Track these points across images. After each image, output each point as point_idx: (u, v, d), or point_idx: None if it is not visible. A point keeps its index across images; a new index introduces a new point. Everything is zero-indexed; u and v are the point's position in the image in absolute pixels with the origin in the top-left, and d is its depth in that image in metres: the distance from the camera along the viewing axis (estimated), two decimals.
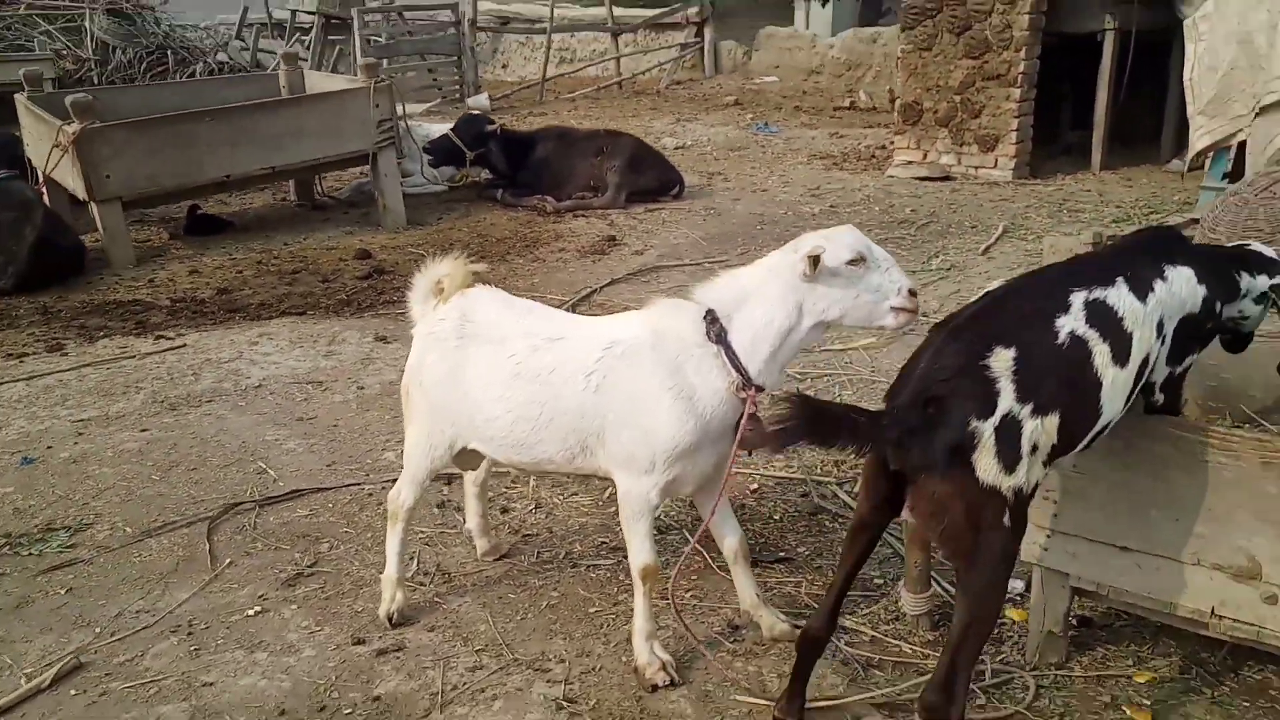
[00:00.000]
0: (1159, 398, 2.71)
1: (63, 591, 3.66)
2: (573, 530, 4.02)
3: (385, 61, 13.76)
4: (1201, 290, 2.65)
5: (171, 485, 4.45)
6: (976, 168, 10.49)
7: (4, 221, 7.02)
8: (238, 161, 8.04)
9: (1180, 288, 2.60)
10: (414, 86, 15.37)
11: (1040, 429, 2.31)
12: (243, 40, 17.39)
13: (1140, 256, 2.62)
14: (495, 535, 3.90)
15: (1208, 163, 7.79)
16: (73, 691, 3.10)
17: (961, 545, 2.30)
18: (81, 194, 7.60)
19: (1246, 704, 2.90)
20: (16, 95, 8.47)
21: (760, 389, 2.84)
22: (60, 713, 3.01)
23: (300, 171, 8.80)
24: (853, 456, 3.15)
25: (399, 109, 9.36)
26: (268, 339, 6.28)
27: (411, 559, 3.79)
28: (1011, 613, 3.33)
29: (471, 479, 3.74)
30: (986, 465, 2.26)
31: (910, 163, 10.85)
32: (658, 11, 18.93)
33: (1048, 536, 2.92)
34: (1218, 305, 2.70)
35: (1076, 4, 10.54)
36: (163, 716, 2.97)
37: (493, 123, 9.58)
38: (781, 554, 3.80)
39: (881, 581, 3.58)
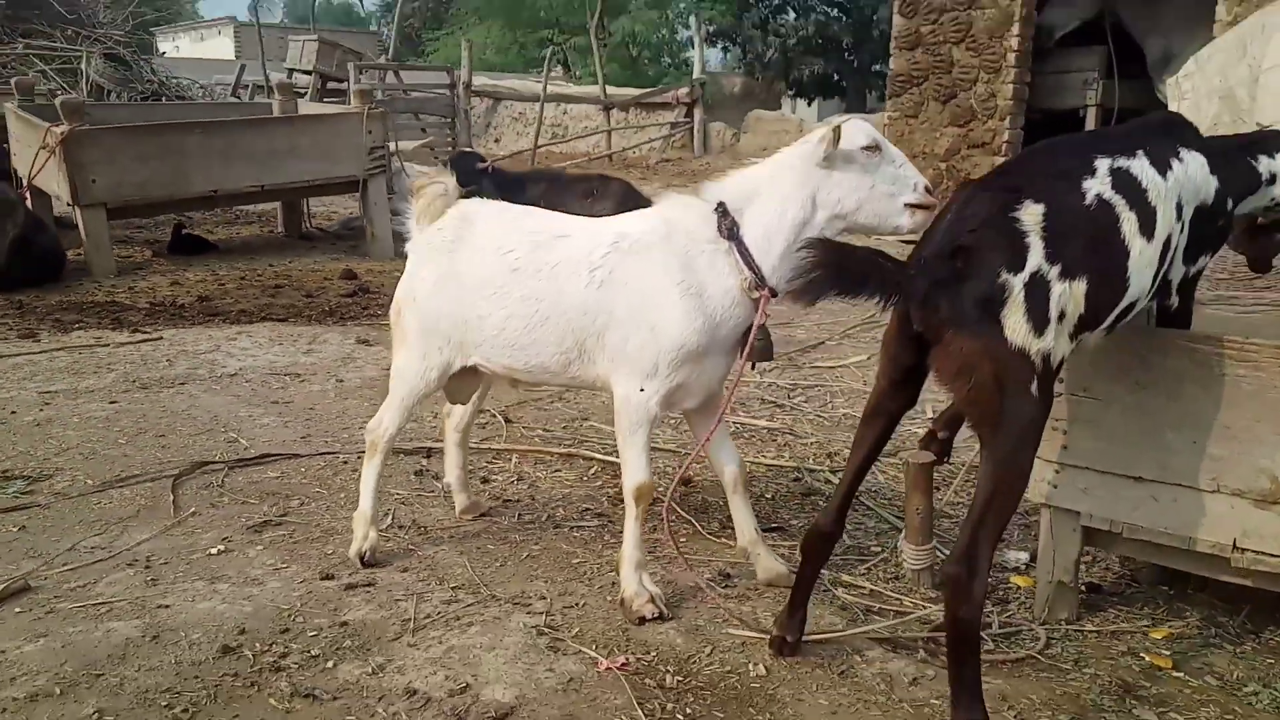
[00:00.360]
0: (1174, 300, 2.63)
1: (14, 529, 3.44)
2: (555, 499, 3.85)
3: None
4: (1214, 181, 2.57)
5: (138, 449, 4.25)
6: None
7: None
8: (227, 176, 8.01)
9: (1195, 172, 2.52)
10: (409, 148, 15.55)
11: (1069, 293, 2.19)
12: (238, 99, 17.60)
13: (1155, 134, 2.55)
14: (475, 494, 3.73)
15: None
16: (17, 609, 2.87)
17: (988, 409, 2.16)
18: (66, 197, 7.52)
19: (1271, 662, 2.75)
20: (6, 104, 8.45)
21: (774, 293, 2.74)
22: (2, 626, 2.78)
23: (290, 192, 8.77)
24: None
25: (392, 144, 9.40)
26: (247, 336, 6.14)
27: (386, 514, 3.61)
28: (1017, 579, 3.19)
29: (453, 424, 3.60)
30: (1015, 323, 2.13)
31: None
32: (648, 90, 19.37)
33: (1056, 472, 2.80)
34: (1229, 201, 2.63)
35: (1059, 81, 10.88)
36: (113, 631, 2.75)
37: (484, 160, 9.62)
38: (774, 525, 3.64)
39: (879, 550, 3.43)
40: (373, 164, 8.52)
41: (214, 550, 3.29)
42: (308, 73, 16.59)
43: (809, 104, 25.76)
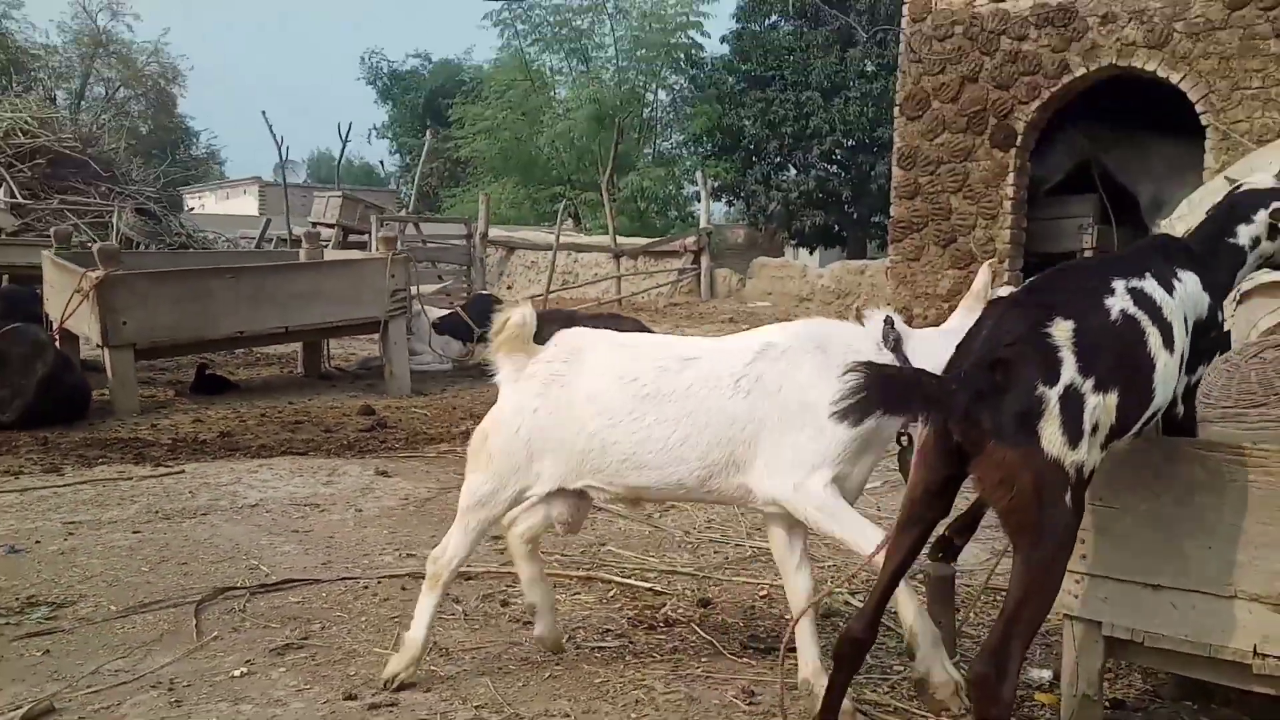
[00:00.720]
0: (1180, 408, 2.72)
1: (39, 653, 3.46)
2: (576, 620, 3.85)
3: None
4: (1206, 297, 2.69)
5: (161, 576, 4.29)
6: None
7: (16, 356, 7.12)
8: (254, 319, 8.27)
9: (1192, 289, 2.65)
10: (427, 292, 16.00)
11: (1101, 406, 2.29)
12: (260, 250, 18.21)
13: (1154, 257, 2.69)
14: (556, 624, 3.48)
15: None
16: None
17: (1027, 517, 2.25)
18: (96, 339, 7.75)
19: None
20: (44, 252, 8.81)
21: None
22: None
23: (313, 333, 9.01)
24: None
25: (413, 287, 9.72)
26: (267, 469, 6.23)
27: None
28: (1041, 696, 3.17)
29: (519, 532, 3.37)
30: (1051, 435, 2.23)
31: None
32: (657, 239, 20.01)
33: (1076, 582, 2.83)
34: (1220, 314, 2.75)
35: (1055, 226, 11.27)
36: None
37: (500, 302, 9.91)
38: (794, 645, 3.63)
39: (901, 668, 3.41)
40: (394, 306, 8.79)
41: (237, 673, 3.29)
42: (331, 226, 17.23)
43: (810, 252, 26.50)
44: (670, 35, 28.78)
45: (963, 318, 2.97)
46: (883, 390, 2.21)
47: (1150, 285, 2.53)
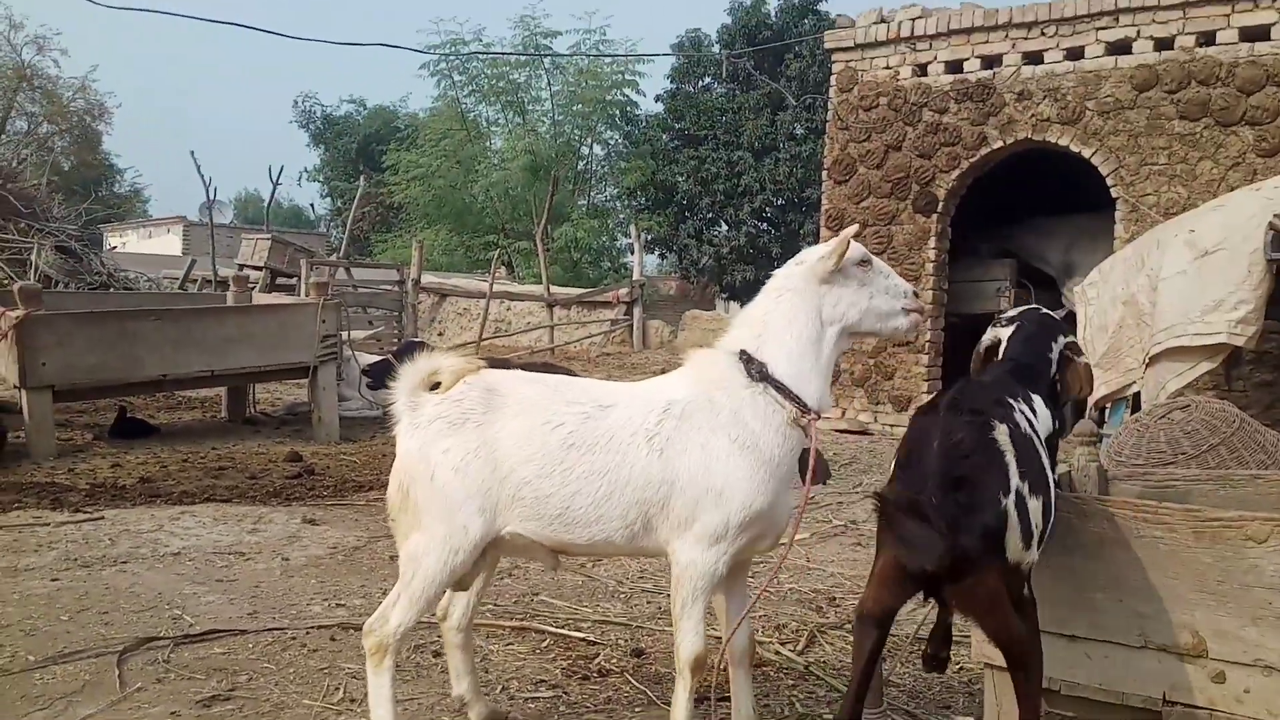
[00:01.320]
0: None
1: None
2: (509, 672, 3.85)
3: None
4: (1049, 413, 2.85)
5: (81, 625, 4.17)
6: (892, 425, 11.03)
7: None
8: (178, 362, 8.12)
9: (1042, 411, 2.83)
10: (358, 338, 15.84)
11: (1039, 509, 2.45)
12: (185, 292, 17.87)
13: (1011, 380, 2.86)
14: (490, 700, 3.44)
15: (1107, 412, 8.39)
16: None
17: (1010, 630, 2.39)
18: (14, 380, 7.54)
19: None
20: None
21: (818, 415, 2.85)
22: None
23: (239, 378, 8.87)
24: None
25: (344, 332, 9.65)
26: (190, 516, 6.10)
27: (338, 688, 3.58)
28: None
29: (453, 625, 3.30)
30: (1014, 544, 2.37)
31: (829, 418, 11.38)
32: (590, 290, 20.16)
33: None
34: (1060, 419, 2.93)
35: (975, 289, 11.68)
36: None
37: (432, 349, 9.89)
38: (725, 695, 3.68)
39: (829, 716, 3.48)
40: (324, 351, 8.72)
41: None
42: (259, 268, 16.98)
43: (741, 305, 26.91)
44: (606, 92, 29.25)
45: (803, 298, 2.93)
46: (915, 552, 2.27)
47: (1025, 409, 2.73)
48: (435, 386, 3.00)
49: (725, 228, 26.31)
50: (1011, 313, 3.18)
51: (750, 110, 25.24)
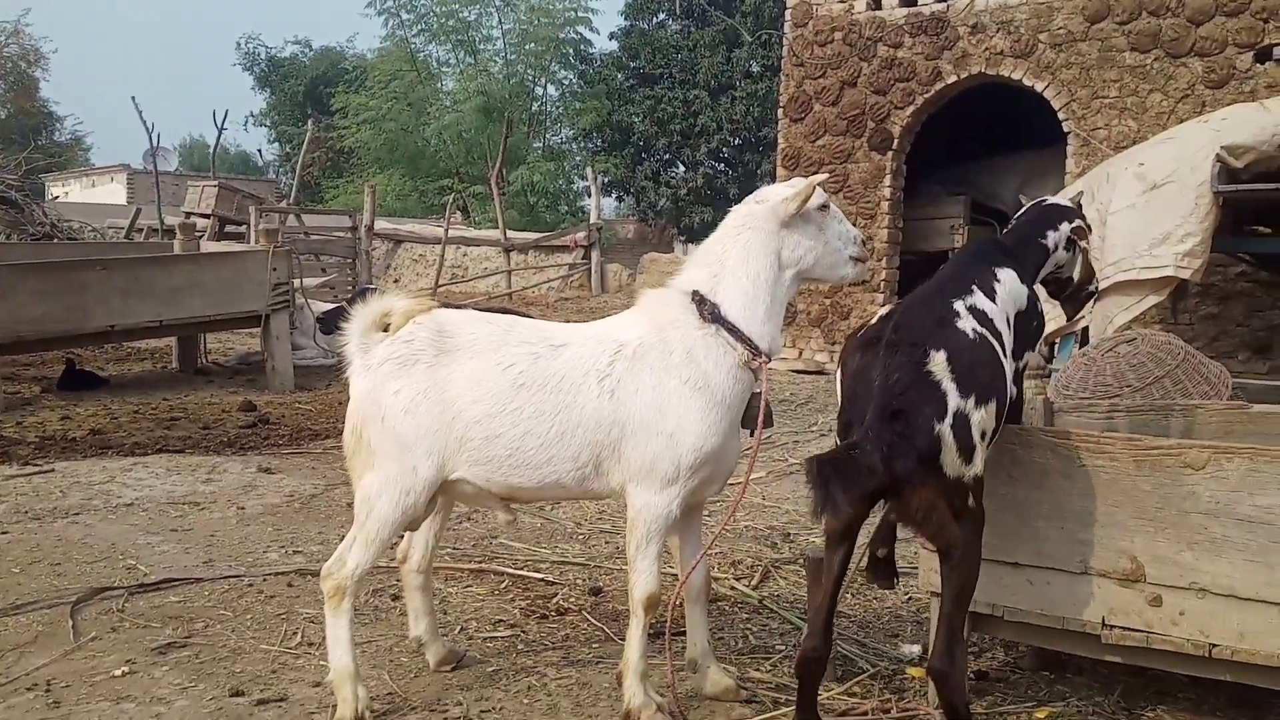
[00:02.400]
0: (1013, 391, 2.94)
1: None
2: (468, 613, 3.88)
3: None
4: (1024, 289, 2.98)
5: (33, 577, 4.13)
6: None
7: None
8: (126, 312, 7.96)
9: (1013, 287, 2.93)
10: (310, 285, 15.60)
11: (985, 417, 2.58)
12: (131, 241, 17.47)
13: (976, 265, 2.95)
14: (448, 640, 3.44)
15: (1057, 347, 8.53)
16: None
17: (946, 535, 2.56)
18: None
19: None
20: None
21: (769, 357, 2.86)
22: None
23: (189, 327, 8.73)
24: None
25: (296, 281, 9.50)
26: (142, 468, 6.04)
27: (295, 632, 3.59)
28: (912, 670, 3.35)
29: (413, 566, 3.31)
30: (951, 462, 2.52)
31: (786, 358, 11.46)
32: (547, 234, 20.00)
33: None
34: (1039, 304, 3.03)
35: (929, 226, 11.74)
36: None
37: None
38: (682, 629, 3.74)
39: (783, 648, 3.56)
40: (276, 300, 8.59)
41: (118, 673, 3.22)
42: (206, 216, 16.62)
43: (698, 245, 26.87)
44: (559, 30, 28.73)
45: (761, 239, 2.91)
46: (839, 484, 2.39)
47: (981, 300, 2.80)
48: (388, 328, 2.97)
49: (683, 169, 26.16)
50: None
51: (706, 47, 24.95)
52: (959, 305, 2.75)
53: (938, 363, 2.56)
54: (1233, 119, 7.63)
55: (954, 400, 2.54)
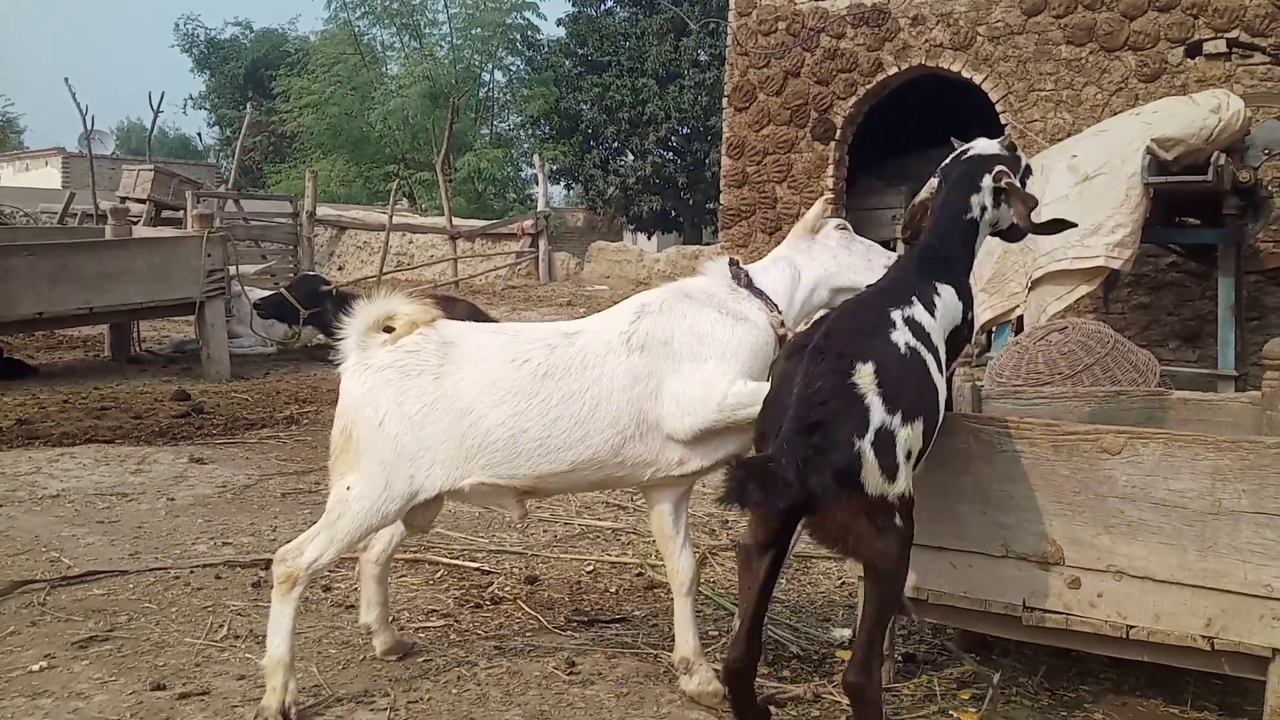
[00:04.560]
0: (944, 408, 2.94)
1: None
2: (400, 602, 3.84)
3: None
4: (960, 305, 2.85)
5: None
6: None
7: None
8: (55, 299, 7.75)
9: (950, 303, 2.82)
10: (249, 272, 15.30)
11: (911, 435, 2.47)
12: (64, 226, 17.00)
13: (920, 275, 2.82)
14: (395, 631, 3.40)
15: (993, 335, 8.67)
16: None
17: (866, 552, 2.46)
18: None
19: (1064, 714, 3.02)
20: None
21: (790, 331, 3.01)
22: None
23: (121, 315, 8.52)
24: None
25: (233, 268, 9.31)
26: (70, 458, 5.89)
27: (222, 625, 3.53)
28: (841, 654, 3.39)
29: (372, 557, 3.28)
30: (873, 481, 2.40)
31: None
32: (494, 221, 19.85)
33: None
34: (970, 312, 2.91)
35: (871, 216, 11.84)
36: None
37: (328, 283, 9.65)
38: (618, 616, 3.75)
39: (717, 634, 3.58)
40: (211, 286, 8.42)
41: (35, 667, 3.14)
42: (142, 201, 16.20)
43: (649, 237, 26.89)
44: (505, 15, 28.50)
45: (790, 247, 3.25)
46: (757, 492, 2.30)
47: (920, 313, 2.68)
48: (388, 330, 2.96)
49: (631, 157, 26.08)
50: (948, 160, 3.10)
51: (654, 35, 24.89)
52: (897, 315, 2.64)
53: (864, 375, 2.44)
54: (1163, 112, 7.79)
55: (879, 416, 2.41)
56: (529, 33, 29.15)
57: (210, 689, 3.02)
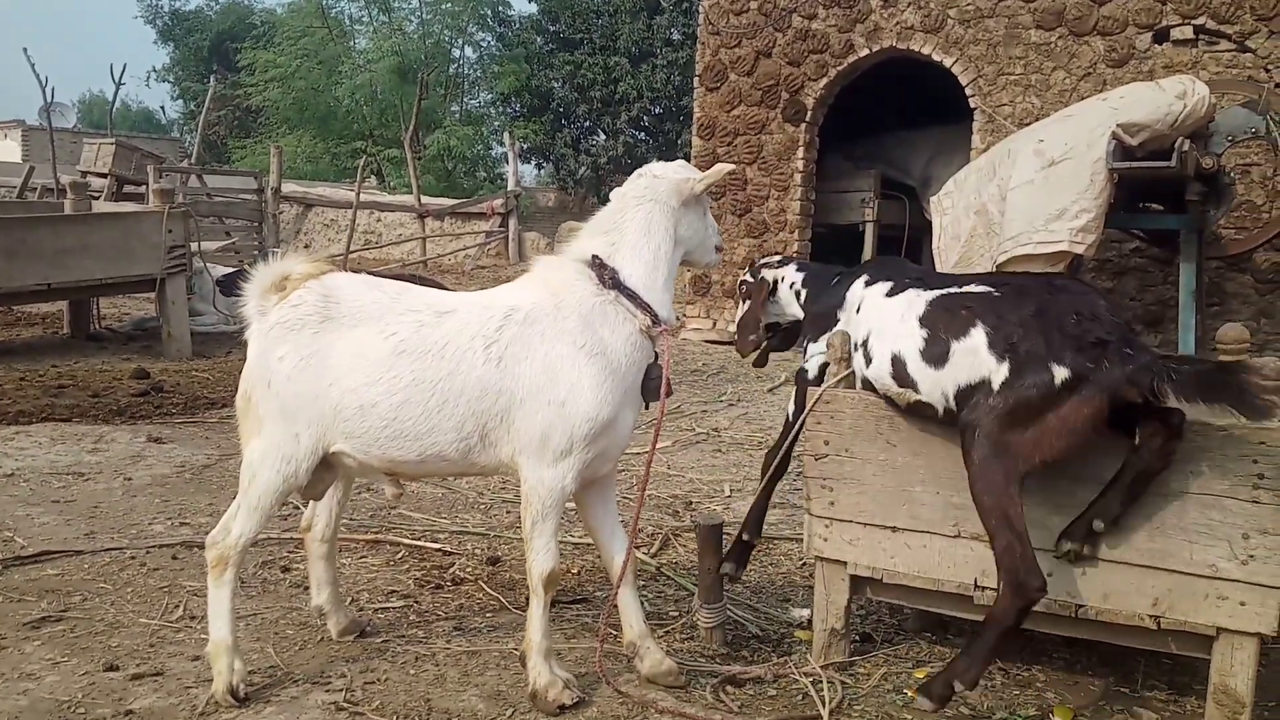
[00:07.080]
0: None
1: None
2: (360, 584, 3.83)
3: None
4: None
5: None
6: None
7: None
8: (12, 275, 7.61)
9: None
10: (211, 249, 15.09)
11: None
12: (23, 200, 16.67)
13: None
14: (350, 610, 3.38)
15: None
16: None
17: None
18: None
19: (1016, 693, 3.06)
20: None
21: (668, 326, 2.83)
22: None
23: (80, 291, 8.39)
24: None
25: (195, 245, 9.18)
26: (25, 436, 5.81)
27: (178, 606, 3.50)
28: (800, 634, 3.41)
29: (316, 535, 3.24)
30: None
31: (700, 329, 11.53)
32: (464, 200, 19.69)
33: (826, 526, 3.08)
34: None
35: (841, 199, 11.87)
36: None
37: None
38: (580, 597, 3.76)
39: (677, 614, 3.59)
40: (172, 263, 8.30)
41: None
42: (103, 175, 15.92)
43: None
44: None
45: (636, 208, 2.93)
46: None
47: None
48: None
49: (603, 137, 25.93)
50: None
51: (627, 13, 24.70)
52: None
53: None
54: (1130, 97, 7.84)
55: None
56: (500, 8, 28.77)
57: (164, 670, 2.99)
